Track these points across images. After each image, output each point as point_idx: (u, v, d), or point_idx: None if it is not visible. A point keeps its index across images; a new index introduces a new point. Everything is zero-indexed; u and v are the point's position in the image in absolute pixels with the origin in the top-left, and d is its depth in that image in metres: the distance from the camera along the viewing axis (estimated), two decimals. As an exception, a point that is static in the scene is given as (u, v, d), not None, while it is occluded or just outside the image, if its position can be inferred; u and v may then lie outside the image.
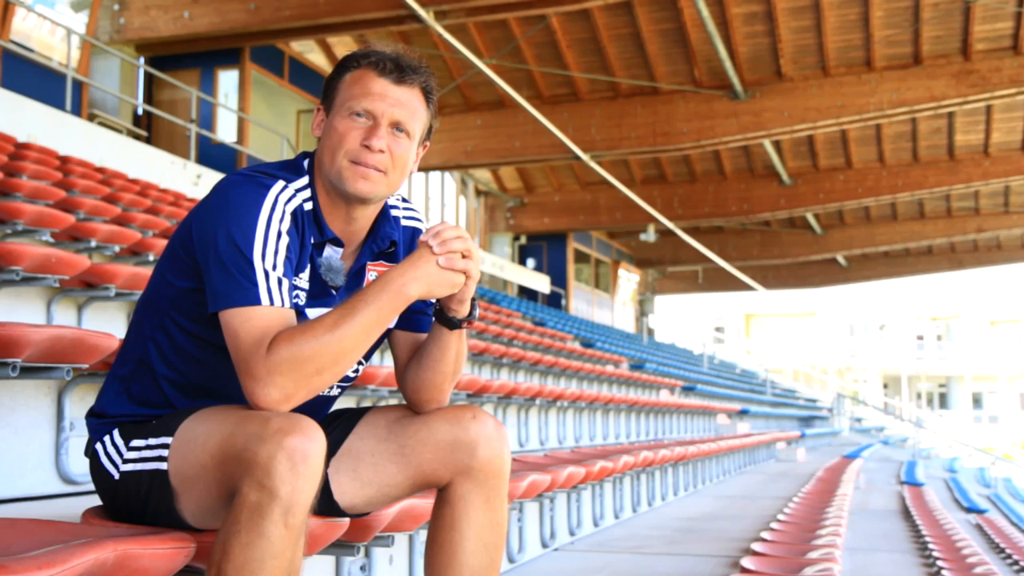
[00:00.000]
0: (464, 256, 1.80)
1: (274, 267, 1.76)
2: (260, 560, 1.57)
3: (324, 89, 1.95)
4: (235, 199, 1.78)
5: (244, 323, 1.72)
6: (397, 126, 1.87)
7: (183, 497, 1.75)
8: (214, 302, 1.75)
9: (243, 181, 1.81)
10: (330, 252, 1.92)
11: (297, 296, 1.84)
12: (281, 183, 1.83)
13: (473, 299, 1.90)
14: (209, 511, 1.75)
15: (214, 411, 1.77)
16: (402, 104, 1.87)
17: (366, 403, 4.36)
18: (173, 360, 1.88)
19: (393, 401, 4.37)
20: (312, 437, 1.62)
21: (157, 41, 13.53)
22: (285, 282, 1.78)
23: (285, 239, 1.79)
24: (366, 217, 1.94)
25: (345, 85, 1.89)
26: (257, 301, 1.73)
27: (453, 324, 1.89)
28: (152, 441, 1.80)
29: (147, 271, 4.40)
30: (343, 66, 1.92)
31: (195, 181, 11.61)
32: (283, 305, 1.75)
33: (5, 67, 10.79)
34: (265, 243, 1.76)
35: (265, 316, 1.73)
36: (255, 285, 1.73)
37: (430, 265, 1.76)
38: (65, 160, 8.56)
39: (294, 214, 1.83)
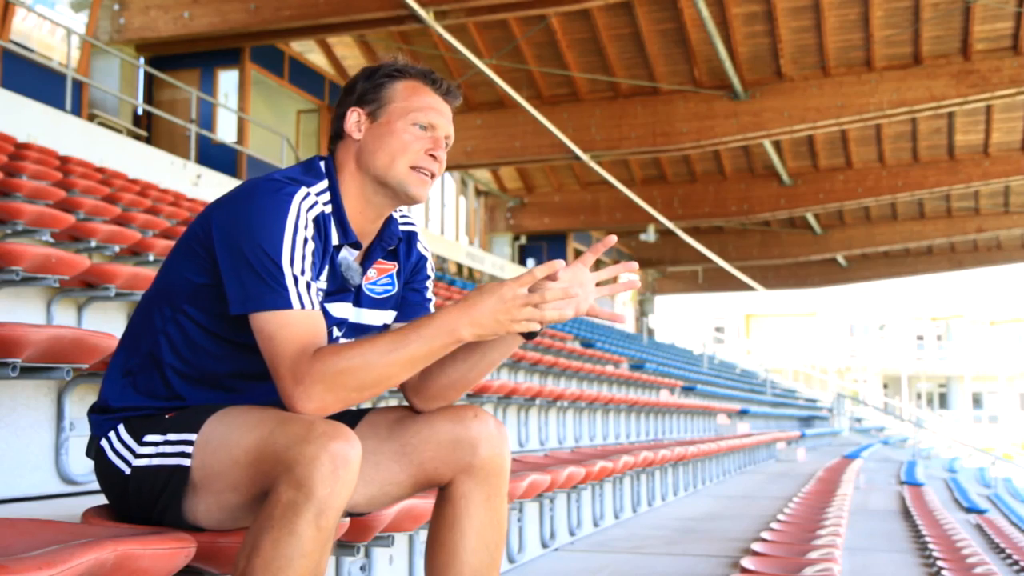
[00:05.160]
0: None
1: (303, 271, 1.80)
2: (289, 558, 1.60)
3: (363, 92, 1.99)
4: (260, 207, 1.81)
5: (281, 328, 1.76)
6: (446, 139, 2.00)
7: (203, 494, 1.76)
8: (242, 304, 1.78)
9: (267, 188, 1.84)
10: (346, 253, 1.96)
11: (320, 295, 1.88)
12: (303, 190, 1.86)
13: None
14: (229, 510, 1.77)
15: (244, 410, 1.79)
16: (450, 120, 2.02)
17: (366, 403, 4.36)
18: (184, 353, 1.90)
19: (393, 402, 4.37)
20: (354, 444, 1.66)
21: (157, 41, 13.54)
22: (314, 286, 1.82)
23: (311, 245, 1.83)
24: (385, 216, 2.02)
25: (401, 94, 1.97)
26: (288, 305, 1.77)
27: (530, 335, 1.91)
28: (172, 437, 1.80)
29: (147, 271, 4.41)
30: (390, 75, 1.99)
31: (195, 181, 11.62)
32: (313, 308, 1.80)
33: (5, 67, 10.80)
34: (293, 249, 1.79)
35: (303, 322, 1.77)
36: (285, 289, 1.77)
37: (482, 310, 1.75)
38: (65, 160, 8.57)
39: (316, 220, 1.86)
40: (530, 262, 23.97)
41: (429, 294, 2.12)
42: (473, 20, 14.09)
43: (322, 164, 1.97)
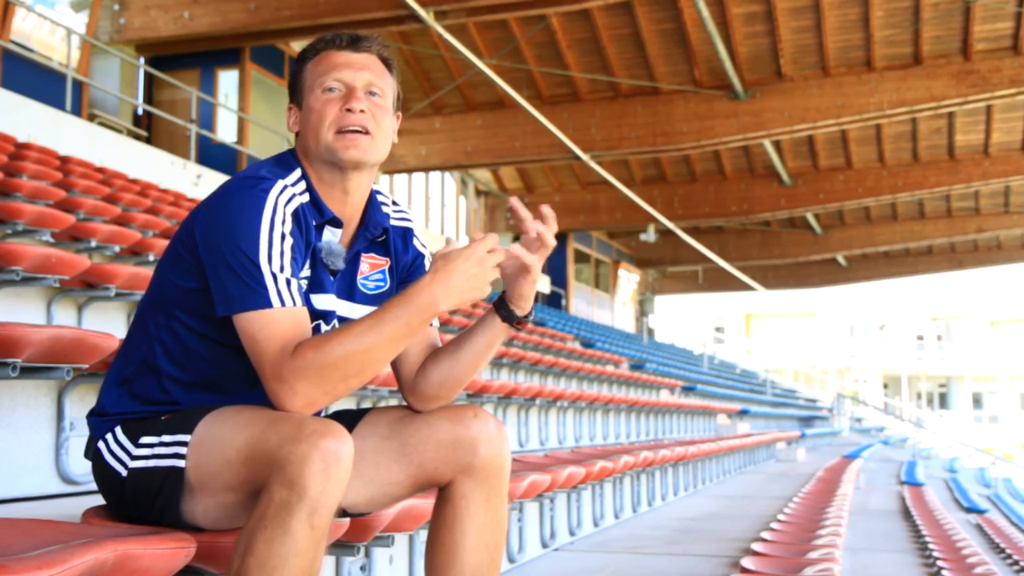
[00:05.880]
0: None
1: (281, 269, 1.79)
2: (283, 557, 1.60)
3: (290, 90, 2.02)
4: (237, 205, 1.81)
5: (263, 328, 1.75)
6: (369, 89, 1.93)
7: (199, 495, 1.76)
8: (226, 305, 1.78)
9: (243, 187, 1.84)
10: (329, 236, 1.95)
11: (303, 291, 1.86)
12: (280, 185, 1.86)
13: (535, 298, 1.96)
14: (225, 510, 1.77)
15: (237, 410, 1.78)
16: (367, 67, 1.95)
17: (366, 403, 4.36)
18: (179, 359, 1.89)
19: (393, 401, 4.37)
20: (345, 441, 1.65)
21: (157, 41, 13.53)
22: (294, 282, 1.81)
23: (289, 240, 1.82)
24: (360, 192, 1.97)
25: (309, 72, 1.96)
26: (268, 304, 1.76)
27: (514, 319, 1.90)
28: (166, 438, 1.80)
29: (147, 271, 4.40)
30: (301, 59, 2.00)
31: (195, 181, 11.62)
32: (295, 304, 1.79)
33: (5, 67, 10.79)
34: (270, 246, 1.79)
35: (283, 320, 1.76)
36: (265, 288, 1.76)
37: (456, 276, 1.76)
38: (65, 160, 8.56)
39: (295, 214, 1.86)
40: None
41: None
42: (473, 20, 14.08)
43: (291, 157, 1.98)
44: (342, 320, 1.98)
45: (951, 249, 28.48)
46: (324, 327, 1.94)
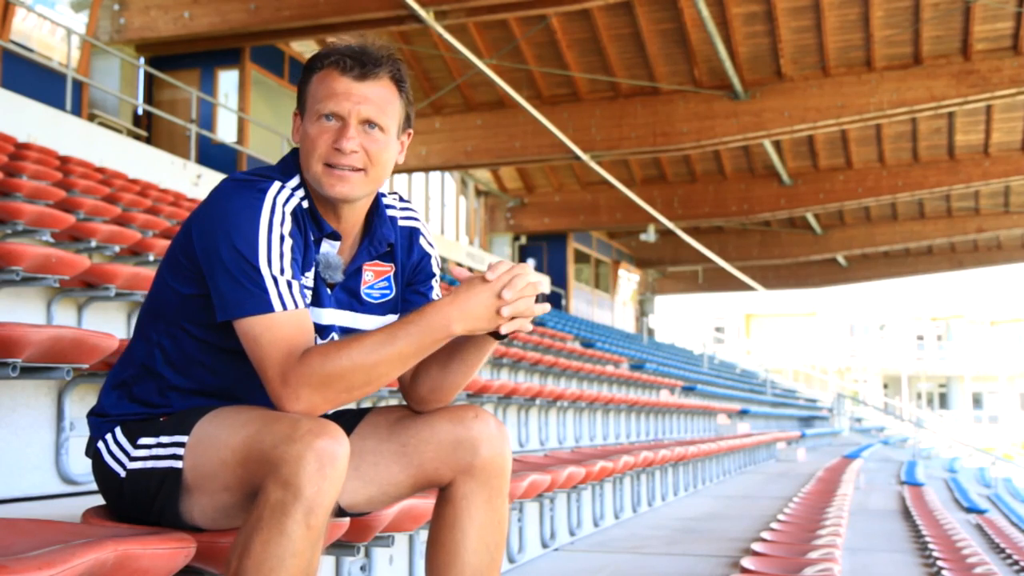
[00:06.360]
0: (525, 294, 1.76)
1: (282, 271, 1.77)
2: (280, 558, 1.59)
3: (297, 95, 1.94)
4: (233, 207, 1.78)
5: (265, 332, 1.73)
6: (368, 123, 1.85)
7: (197, 495, 1.76)
8: (225, 311, 1.76)
9: (239, 188, 1.81)
10: (327, 248, 1.92)
11: (305, 296, 1.84)
12: (277, 185, 1.83)
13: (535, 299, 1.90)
14: (223, 510, 1.76)
15: (234, 410, 1.78)
16: (369, 100, 1.84)
17: (366, 403, 4.36)
18: (179, 364, 1.89)
19: (393, 401, 4.37)
20: (340, 441, 1.64)
21: (157, 41, 13.54)
22: (295, 283, 1.79)
23: (288, 241, 1.80)
24: (356, 214, 1.94)
25: (312, 88, 1.88)
26: (270, 308, 1.74)
27: (501, 335, 1.88)
28: (164, 439, 1.80)
29: (147, 271, 4.40)
30: (309, 68, 1.91)
31: (195, 181, 11.62)
32: (296, 307, 1.77)
33: (5, 67, 10.80)
34: (269, 248, 1.76)
35: (287, 324, 1.74)
36: (265, 292, 1.74)
37: (474, 303, 1.73)
38: (65, 160, 8.57)
39: (294, 213, 1.84)
40: (530, 262, 23.94)
41: (434, 294, 2.06)
42: (473, 20, 14.09)
43: (294, 159, 1.94)
44: (344, 332, 1.95)
45: (951, 249, 28.49)
46: (320, 342, 1.91)
